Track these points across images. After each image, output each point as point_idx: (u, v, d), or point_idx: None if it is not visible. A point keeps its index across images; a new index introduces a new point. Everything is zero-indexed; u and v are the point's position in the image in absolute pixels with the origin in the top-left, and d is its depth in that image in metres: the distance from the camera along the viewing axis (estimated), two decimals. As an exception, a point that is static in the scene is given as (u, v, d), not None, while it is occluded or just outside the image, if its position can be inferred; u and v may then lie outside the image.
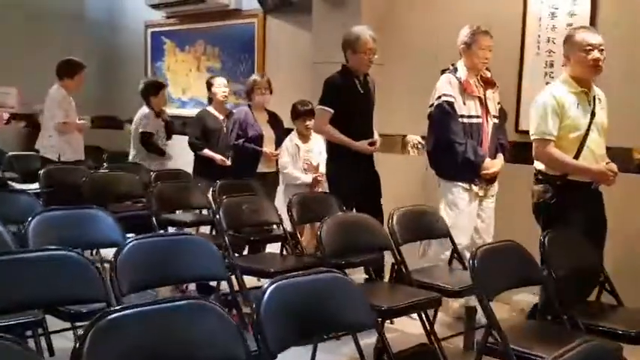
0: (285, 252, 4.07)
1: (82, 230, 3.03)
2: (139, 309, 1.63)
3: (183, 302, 1.71)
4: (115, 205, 4.98)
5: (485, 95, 3.91)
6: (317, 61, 5.36)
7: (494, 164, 3.85)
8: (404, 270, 3.28)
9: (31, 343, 2.83)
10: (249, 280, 3.51)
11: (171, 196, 4.39)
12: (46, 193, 5.02)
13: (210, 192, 4.62)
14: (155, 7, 6.97)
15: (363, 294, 2.07)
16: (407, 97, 5.18)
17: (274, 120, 5.09)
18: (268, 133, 4.97)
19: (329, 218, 3.19)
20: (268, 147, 4.93)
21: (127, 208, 4.92)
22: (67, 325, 3.05)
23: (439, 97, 3.83)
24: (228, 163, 5.14)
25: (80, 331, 3.32)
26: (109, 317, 1.57)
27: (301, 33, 5.85)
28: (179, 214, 4.79)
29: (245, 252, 4.44)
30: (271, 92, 5.01)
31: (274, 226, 4.26)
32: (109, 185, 4.79)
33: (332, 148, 4.27)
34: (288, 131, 5.07)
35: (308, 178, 4.73)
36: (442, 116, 3.80)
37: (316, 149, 4.84)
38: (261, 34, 6.18)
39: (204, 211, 4.88)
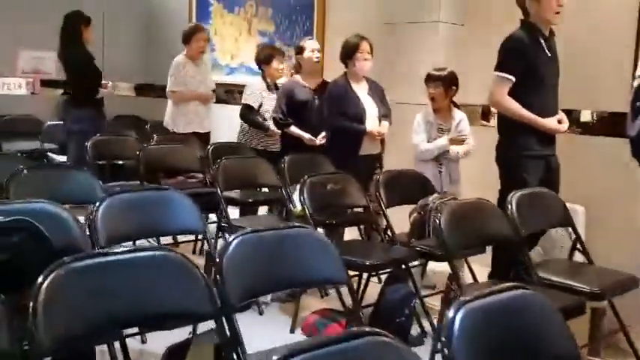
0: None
1: (157, 216, 2.57)
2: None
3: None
4: (169, 181, 4.59)
5: None
6: (388, 22, 4.82)
7: None
8: (529, 267, 2.77)
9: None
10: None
11: (237, 173, 3.90)
12: (93, 166, 4.58)
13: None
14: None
15: (560, 315, 1.56)
16: (488, 59, 4.62)
17: (376, 90, 4.22)
18: (370, 107, 4.10)
19: (448, 205, 2.67)
20: (371, 123, 4.04)
21: (182, 183, 4.44)
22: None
23: None
24: (318, 142, 4.37)
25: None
26: None
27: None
28: (243, 193, 4.29)
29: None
30: (372, 56, 4.15)
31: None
32: (164, 159, 4.34)
33: (508, 126, 3.38)
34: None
35: (444, 141, 3.89)
36: None
37: (454, 127, 4.00)
38: (322, -8, 5.61)
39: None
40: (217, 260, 1.83)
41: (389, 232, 3.48)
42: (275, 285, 1.98)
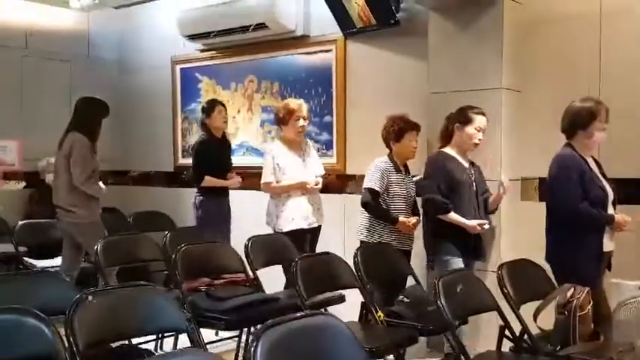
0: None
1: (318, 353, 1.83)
2: None
3: None
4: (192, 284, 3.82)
5: None
6: (437, 91, 4.35)
7: None
8: None
9: None
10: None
11: (315, 274, 3.19)
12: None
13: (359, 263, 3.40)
14: (192, 38, 5.80)
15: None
16: (548, 130, 4.21)
17: (600, 167, 3.46)
18: (608, 189, 3.33)
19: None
20: (612, 209, 3.31)
21: (232, 290, 3.66)
22: None
23: None
24: (481, 228, 3.64)
25: None
26: None
27: (397, 59, 4.83)
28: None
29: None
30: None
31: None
32: (206, 261, 3.58)
33: None
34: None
35: None
36: None
37: None
38: (342, 63, 5.09)
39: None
40: None
41: (525, 337, 2.85)
42: None
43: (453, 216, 3.58)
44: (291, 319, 1.86)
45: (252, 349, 1.71)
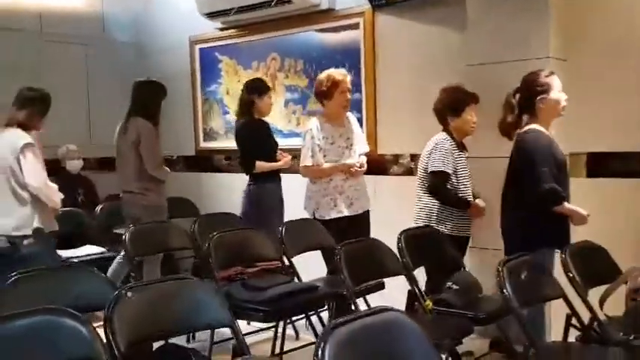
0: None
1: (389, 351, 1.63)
2: None
3: None
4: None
5: None
6: (473, 63, 4.09)
7: None
8: None
9: None
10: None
11: (361, 262, 2.97)
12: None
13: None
14: (211, 15, 5.56)
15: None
16: (597, 101, 3.96)
17: None
18: None
19: None
20: None
21: (268, 279, 3.46)
22: None
23: None
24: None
25: None
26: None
27: (431, 31, 4.56)
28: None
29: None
30: None
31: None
32: (242, 248, 3.37)
33: None
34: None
35: None
36: None
37: None
38: (370, 38, 4.84)
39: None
40: None
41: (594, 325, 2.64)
42: None
43: (569, 206, 3.06)
44: (356, 317, 1.65)
45: (320, 351, 1.51)
